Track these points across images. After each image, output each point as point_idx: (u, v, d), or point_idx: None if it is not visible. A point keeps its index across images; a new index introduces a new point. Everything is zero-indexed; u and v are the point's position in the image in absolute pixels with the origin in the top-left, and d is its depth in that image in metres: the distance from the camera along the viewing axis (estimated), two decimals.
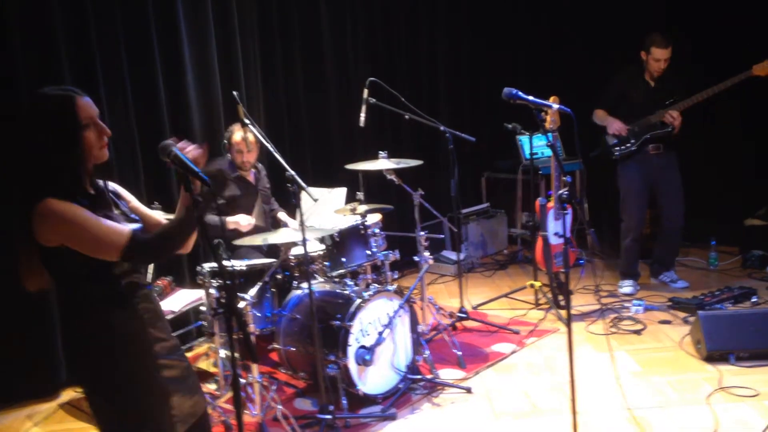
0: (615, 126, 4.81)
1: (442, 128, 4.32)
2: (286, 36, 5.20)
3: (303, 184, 3.22)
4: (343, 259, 3.81)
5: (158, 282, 3.96)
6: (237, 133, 4.19)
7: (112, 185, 2.10)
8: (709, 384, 3.55)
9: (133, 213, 2.08)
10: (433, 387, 3.69)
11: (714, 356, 3.77)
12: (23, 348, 3.81)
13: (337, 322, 3.42)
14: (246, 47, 4.90)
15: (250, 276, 3.62)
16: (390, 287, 3.71)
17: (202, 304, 3.73)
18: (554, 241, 4.59)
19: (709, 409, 3.29)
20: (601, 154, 4.98)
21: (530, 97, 2.68)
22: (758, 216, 5.65)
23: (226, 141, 4.27)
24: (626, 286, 5.01)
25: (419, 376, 3.70)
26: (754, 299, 4.54)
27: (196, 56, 4.56)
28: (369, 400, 3.52)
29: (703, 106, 4.63)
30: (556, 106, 2.81)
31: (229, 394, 3.35)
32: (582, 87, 5.43)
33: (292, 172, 3.18)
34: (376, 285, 3.82)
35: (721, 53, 5.22)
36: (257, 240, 3.55)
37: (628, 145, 4.82)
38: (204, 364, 4.13)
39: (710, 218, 5.53)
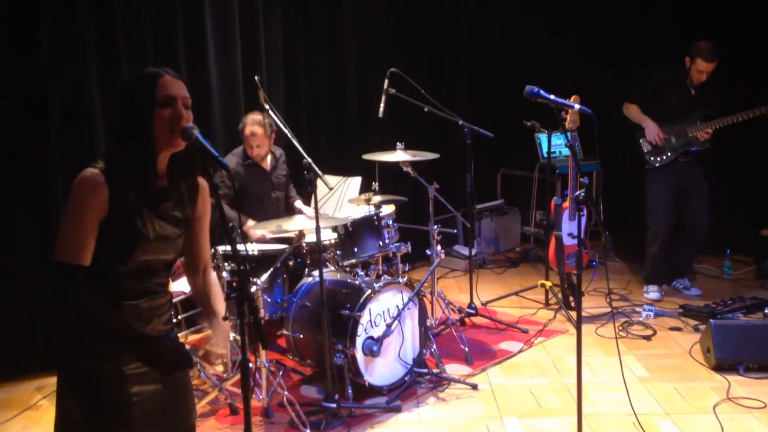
0: (653, 133, 4.71)
1: (460, 122, 4.30)
2: (308, 22, 5.19)
3: (319, 172, 3.22)
4: (355, 249, 3.82)
5: None
6: (248, 127, 4.18)
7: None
8: (717, 393, 3.53)
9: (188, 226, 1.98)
10: (439, 381, 3.70)
11: (723, 366, 3.74)
12: (32, 321, 3.77)
13: (347, 312, 3.43)
14: (269, 32, 4.89)
15: (263, 261, 3.64)
16: (400, 279, 3.71)
17: None
18: (568, 241, 4.57)
19: (716, 419, 3.27)
20: (636, 163, 4.88)
21: (552, 96, 2.66)
22: None
23: (240, 130, 4.27)
24: (653, 292, 4.98)
25: (425, 370, 3.70)
26: (766, 310, 4.49)
27: (219, 38, 4.56)
28: (374, 391, 3.54)
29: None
30: (577, 106, 2.78)
31: (236, 377, 3.37)
32: (605, 88, 5.37)
33: (309, 160, 3.19)
34: (387, 276, 3.83)
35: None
36: (271, 226, 3.56)
37: (665, 157, 4.74)
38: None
39: (726, 227, 5.47)
